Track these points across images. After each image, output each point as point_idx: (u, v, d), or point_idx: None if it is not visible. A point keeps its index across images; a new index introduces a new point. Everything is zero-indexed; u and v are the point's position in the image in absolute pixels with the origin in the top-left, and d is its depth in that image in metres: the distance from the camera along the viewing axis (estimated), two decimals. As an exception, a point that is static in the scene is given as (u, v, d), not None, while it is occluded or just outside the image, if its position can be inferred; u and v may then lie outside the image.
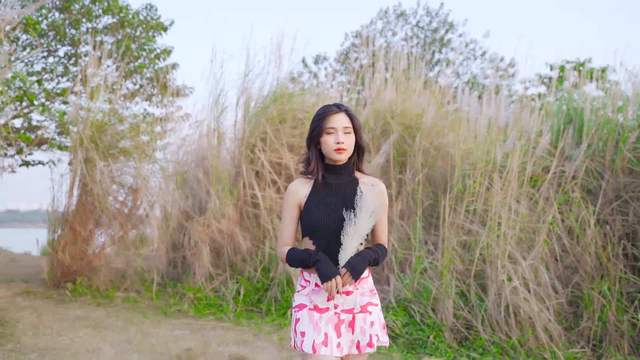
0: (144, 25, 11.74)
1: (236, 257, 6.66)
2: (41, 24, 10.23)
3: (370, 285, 2.36)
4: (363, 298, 2.31)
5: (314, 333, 2.24)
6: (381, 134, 7.55)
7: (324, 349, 2.22)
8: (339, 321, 2.28)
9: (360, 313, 2.29)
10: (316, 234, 2.28)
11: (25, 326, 5.09)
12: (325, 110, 2.31)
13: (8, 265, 9.61)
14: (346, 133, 2.27)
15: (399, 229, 6.53)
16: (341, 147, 2.25)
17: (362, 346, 2.27)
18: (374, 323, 2.30)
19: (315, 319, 2.26)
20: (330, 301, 2.28)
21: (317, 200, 2.31)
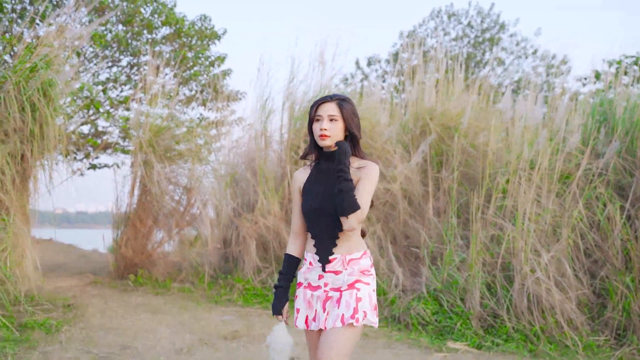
0: (199, 34, 12.43)
1: (281, 251, 7.15)
2: (105, 37, 11.01)
3: (363, 266, 2.43)
4: (351, 277, 2.40)
5: (307, 309, 2.43)
6: (420, 134, 7.88)
7: (314, 324, 2.41)
8: (327, 298, 2.41)
9: (347, 290, 2.38)
10: (307, 218, 2.46)
11: (94, 310, 5.74)
12: (318, 100, 2.45)
13: (78, 260, 10.47)
14: (332, 120, 2.38)
15: (436, 226, 6.86)
16: (323, 133, 2.36)
17: (345, 319, 2.32)
18: (362, 299, 2.36)
19: (308, 297, 2.44)
20: (321, 279, 2.43)
21: (309, 185, 2.48)
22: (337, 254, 2.41)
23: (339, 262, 2.41)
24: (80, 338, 4.70)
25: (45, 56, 5.91)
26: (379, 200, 7.26)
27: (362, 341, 5.05)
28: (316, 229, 2.44)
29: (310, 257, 2.46)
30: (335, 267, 2.40)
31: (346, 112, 2.40)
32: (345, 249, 2.41)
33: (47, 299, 5.96)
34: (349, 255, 2.41)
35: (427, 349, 4.88)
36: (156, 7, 11.53)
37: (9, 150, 5.56)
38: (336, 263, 2.41)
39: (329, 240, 2.41)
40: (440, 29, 18.86)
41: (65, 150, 12.56)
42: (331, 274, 2.41)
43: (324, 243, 2.42)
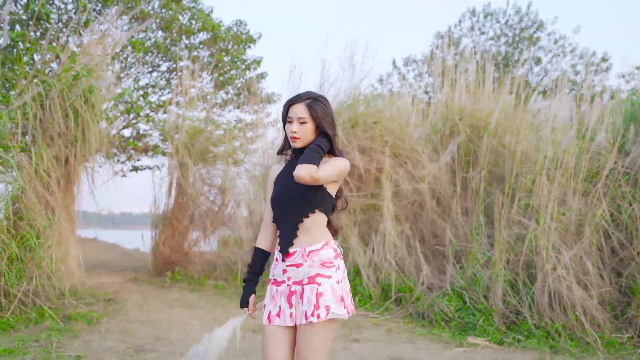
0: (235, 39, 12.76)
1: (311, 249, 7.37)
2: (145, 44, 11.42)
3: (325, 258, 2.38)
4: (312, 270, 2.36)
5: (270, 305, 2.39)
6: (449, 135, 7.99)
7: (277, 320, 2.35)
8: (290, 292, 2.37)
9: (308, 284, 2.34)
10: (273, 207, 2.47)
11: (133, 304, 6.07)
12: (290, 99, 2.45)
13: (121, 258, 10.94)
14: (301, 123, 2.38)
15: (463, 224, 6.97)
16: (294, 135, 2.38)
17: (308, 316, 2.29)
18: (323, 294, 2.32)
19: (273, 292, 2.40)
20: (284, 274, 2.39)
21: (279, 178, 2.50)
22: (297, 247, 2.38)
23: (299, 254, 2.37)
24: (118, 329, 5.01)
25: (86, 65, 6.27)
26: (408, 200, 7.40)
27: (384, 335, 5.22)
28: (280, 218, 2.43)
29: (277, 252, 2.44)
30: (295, 260, 2.37)
31: (316, 112, 2.38)
32: (306, 241, 2.38)
33: (90, 293, 6.33)
34: (308, 247, 2.37)
35: (448, 344, 5.02)
36: (194, 14, 11.90)
37: (54, 154, 5.93)
38: (296, 256, 2.37)
39: (290, 230, 2.38)
40: (476, 28, 18.79)
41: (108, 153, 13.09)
42: (292, 267, 2.37)
43: (286, 234, 2.39)
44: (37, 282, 5.23)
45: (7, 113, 5.61)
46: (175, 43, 12.43)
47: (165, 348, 4.48)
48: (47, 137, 6.00)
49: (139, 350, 4.38)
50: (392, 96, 9.13)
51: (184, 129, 8.04)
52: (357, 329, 5.47)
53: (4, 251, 5.04)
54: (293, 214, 2.38)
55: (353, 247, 6.82)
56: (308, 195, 2.36)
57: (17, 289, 5.12)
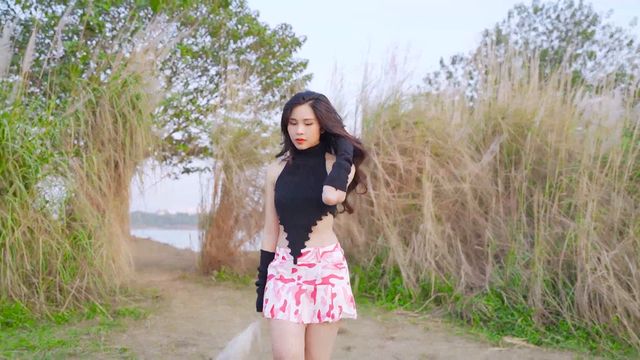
0: (281, 42, 12.98)
1: (353, 249, 7.47)
2: (192, 50, 11.75)
3: (336, 259, 2.42)
4: (325, 271, 2.39)
5: (274, 299, 2.38)
6: (492, 134, 7.94)
7: (281, 314, 2.35)
8: (300, 290, 2.39)
9: (321, 284, 2.38)
10: (279, 210, 2.45)
11: (178, 301, 6.33)
12: (292, 101, 2.41)
13: (172, 257, 11.30)
14: (307, 124, 2.38)
15: (504, 224, 6.93)
16: (300, 137, 2.38)
17: (322, 315, 2.34)
18: (337, 295, 2.37)
19: (278, 288, 2.40)
20: (294, 272, 2.41)
21: (283, 179, 2.47)
22: (310, 247, 2.40)
23: (312, 254, 2.39)
24: (163, 325, 5.26)
25: (134, 72, 6.56)
26: (449, 200, 7.41)
27: (421, 334, 5.28)
28: (289, 220, 2.42)
29: (283, 251, 2.44)
30: (308, 260, 2.39)
31: (320, 112, 2.38)
32: (318, 242, 2.41)
33: (139, 290, 6.62)
34: (322, 247, 2.40)
35: (484, 343, 5.03)
36: (240, 18, 12.18)
37: (104, 158, 6.24)
38: (309, 256, 2.39)
39: (302, 231, 2.39)
40: (526, 24, 18.43)
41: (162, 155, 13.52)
42: (304, 267, 2.40)
43: (297, 235, 2.40)
44: (88, 280, 5.53)
45: (61, 120, 5.95)
46: (224, 47, 12.75)
47: (206, 343, 4.68)
48: (98, 142, 6.32)
49: (181, 344, 4.60)
50: (433, 96, 9.12)
51: (228, 132, 8.27)
52: (394, 327, 5.54)
53: (59, 250, 5.36)
54: (304, 217, 2.39)
55: (393, 246, 6.88)
56: (319, 200, 2.35)
57: (71, 286, 5.43)
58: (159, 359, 4.19)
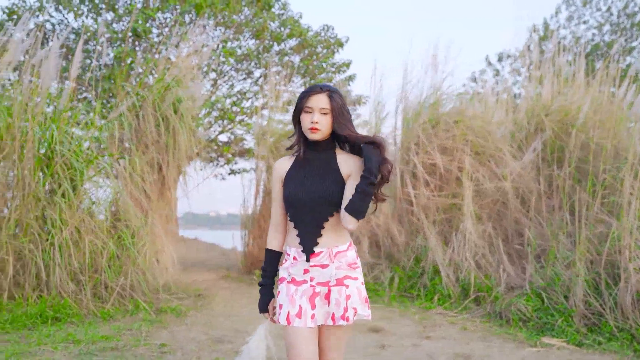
0: (324, 43, 13.06)
1: (393, 248, 7.47)
2: (236, 53, 11.98)
3: (350, 259, 2.33)
4: (339, 272, 2.29)
5: (289, 305, 2.28)
6: (535, 131, 7.80)
7: (297, 321, 2.25)
8: (314, 294, 2.29)
9: (335, 286, 2.28)
10: (289, 206, 2.34)
11: (220, 299, 6.48)
12: (308, 89, 2.32)
13: (218, 257, 11.55)
14: (323, 114, 2.28)
15: (544, 223, 6.81)
16: (315, 126, 2.27)
17: (336, 318, 2.26)
18: (351, 296, 2.28)
19: (291, 292, 2.30)
20: (306, 274, 2.31)
21: (293, 174, 2.37)
22: (323, 247, 2.29)
23: (326, 255, 2.29)
24: (202, 322, 5.40)
25: (176, 76, 6.76)
26: (490, 199, 7.32)
27: (457, 333, 5.25)
28: (300, 217, 2.32)
29: (294, 251, 2.33)
30: (321, 261, 2.29)
31: (336, 105, 2.28)
32: (332, 241, 2.30)
33: (183, 289, 6.81)
34: (335, 247, 2.30)
35: (522, 343, 4.96)
36: (283, 21, 12.33)
37: (147, 161, 6.45)
38: (322, 256, 2.29)
39: (314, 228, 2.29)
40: (575, 17, 17.95)
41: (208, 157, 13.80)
42: (317, 267, 2.30)
43: (309, 231, 2.30)
44: (132, 278, 5.73)
45: (106, 124, 6.19)
46: (267, 50, 12.93)
47: (242, 340, 4.78)
48: (141, 145, 6.54)
49: (218, 341, 4.72)
50: (475, 94, 9.02)
51: (268, 133, 8.40)
52: (432, 327, 5.53)
53: (104, 249, 5.58)
54: (316, 213, 2.28)
55: (432, 246, 6.85)
56: (331, 195, 2.27)
57: (116, 283, 5.64)
58: (196, 354, 4.31)
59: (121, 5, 11.61)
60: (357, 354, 4.47)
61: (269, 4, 12.12)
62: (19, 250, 5.39)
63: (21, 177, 5.52)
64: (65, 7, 11.44)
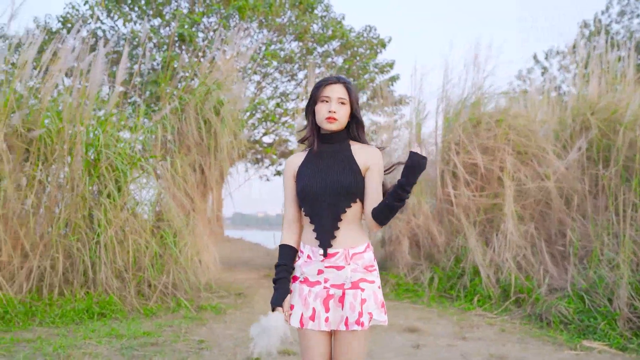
0: (366, 44, 13.07)
1: (433, 248, 7.44)
2: (278, 55, 12.12)
3: (367, 261, 2.21)
4: (355, 274, 2.18)
5: (302, 307, 2.19)
6: (580, 130, 7.63)
7: (311, 324, 2.17)
8: (328, 296, 2.18)
9: (350, 289, 2.16)
10: (304, 200, 2.23)
11: (260, 298, 6.61)
12: (324, 79, 2.26)
13: (263, 257, 11.73)
14: (340, 103, 2.21)
15: (586, 223, 6.66)
16: (332, 116, 2.20)
17: (350, 323, 2.14)
18: (367, 300, 2.16)
19: (305, 293, 2.20)
20: (320, 274, 2.20)
21: (306, 168, 2.27)
22: (339, 247, 2.18)
23: (341, 256, 2.18)
24: (241, 319, 5.52)
25: (217, 80, 6.92)
26: (533, 199, 7.20)
27: (495, 335, 5.20)
28: (315, 211, 2.21)
29: (309, 249, 2.22)
30: (337, 262, 2.18)
31: (353, 96, 2.24)
32: (349, 241, 2.19)
33: (224, 287, 6.96)
34: (352, 249, 2.19)
35: (561, 346, 4.88)
36: (325, 22, 12.41)
37: (189, 162, 6.63)
38: (338, 257, 2.18)
39: (330, 221, 2.19)
40: (628, 12, 17.37)
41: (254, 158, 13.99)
42: (332, 269, 2.19)
43: (325, 226, 2.19)
44: (174, 276, 5.90)
45: (149, 127, 6.40)
46: (311, 52, 13.04)
47: (279, 337, 4.87)
48: (184, 147, 6.73)
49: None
50: (519, 93, 8.88)
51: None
52: (469, 327, 5.49)
53: (147, 248, 5.77)
54: (332, 205, 2.18)
55: (472, 246, 6.79)
56: (350, 184, 2.18)
57: (158, 281, 5.83)
58: (231, 350, 4.42)
59: (168, 11, 11.94)
60: (391, 353, 4.49)
61: (312, 6, 12.23)
62: (68, 248, 5.63)
63: (70, 178, 5.77)
64: (115, 14, 11.84)
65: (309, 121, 2.31)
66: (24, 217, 5.58)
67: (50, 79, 6.02)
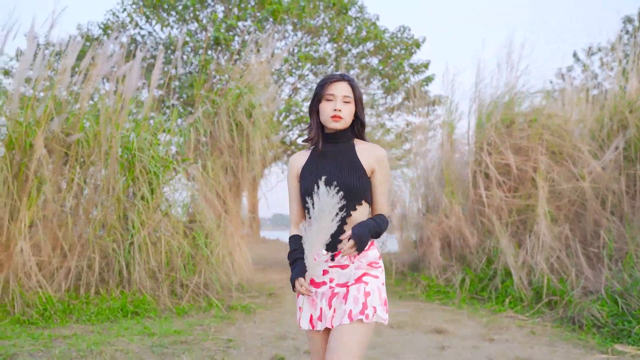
0: (402, 44, 13.05)
1: (465, 250, 7.39)
2: (312, 57, 12.20)
3: (371, 258, 2.21)
4: (358, 271, 2.18)
5: (310, 309, 2.21)
6: (617, 129, 7.47)
7: (319, 324, 2.18)
8: (332, 295, 2.18)
9: (354, 284, 2.16)
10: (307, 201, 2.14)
11: (291, 298, 6.70)
12: (329, 77, 2.23)
13: (298, 257, 11.83)
14: (345, 102, 2.19)
15: (619, 224, 6.52)
16: (338, 114, 2.16)
17: (354, 314, 2.10)
18: (371, 294, 2.14)
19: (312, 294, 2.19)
20: (325, 275, 2.19)
21: (310, 168, 2.23)
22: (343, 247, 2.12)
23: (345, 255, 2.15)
24: (270, 319, 5.61)
25: (248, 83, 7.04)
26: (567, 199, 7.08)
27: (523, 337, 5.14)
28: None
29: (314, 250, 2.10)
30: (341, 262, 2.18)
31: (358, 94, 2.23)
32: None
33: (256, 287, 7.07)
34: None
35: (591, 350, 4.79)
36: (359, 24, 12.44)
37: (221, 164, 6.77)
38: (342, 257, 2.17)
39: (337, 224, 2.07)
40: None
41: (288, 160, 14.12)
42: (337, 268, 2.18)
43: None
44: (206, 277, 6.04)
45: (181, 130, 6.56)
46: (345, 53, 13.09)
47: (304, 337, 4.94)
48: (216, 149, 6.87)
49: (281, 337, 4.90)
50: (554, 92, 8.73)
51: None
52: (499, 329, 5.45)
53: (179, 249, 5.92)
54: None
55: (504, 248, 6.72)
56: (354, 185, 2.15)
57: (190, 281, 5.97)
58: (258, 349, 4.51)
59: (204, 15, 12.16)
60: (415, 354, 4.50)
61: (346, 7, 12.27)
62: (104, 249, 5.82)
63: (106, 181, 5.96)
64: (153, 19, 12.12)
65: (313, 120, 2.28)
66: (63, 218, 5.80)
67: (89, 84, 6.23)
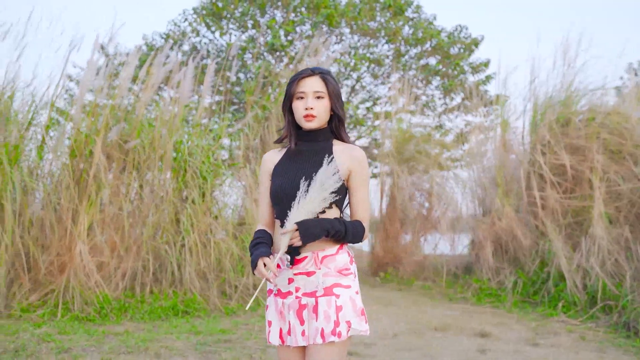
0: (461, 43, 12.88)
1: (518, 252, 7.23)
2: (368, 59, 12.20)
3: (341, 264, 2.04)
4: (327, 279, 2.01)
5: (280, 322, 2.08)
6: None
7: (288, 339, 2.05)
8: (301, 306, 2.03)
9: (323, 296, 1.99)
10: (276, 201, 2.06)
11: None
12: (298, 73, 2.10)
13: (355, 259, 11.91)
14: (317, 98, 2.06)
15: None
16: (310, 113, 2.05)
17: (326, 334, 1.96)
18: (343, 307, 1.98)
19: (279, 307, 2.07)
20: (291, 283, 2.04)
21: (282, 167, 2.11)
22: (308, 251, 2.03)
23: (310, 260, 2.03)
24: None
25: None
26: (627, 200, 6.82)
27: (572, 342, 5.00)
28: (286, 214, 2.01)
29: (277, 258, 2.02)
30: (306, 267, 2.03)
31: (331, 87, 2.09)
32: (318, 244, 2.03)
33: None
34: (322, 251, 2.03)
35: (641, 357, 4.63)
36: (415, 24, 12.37)
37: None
38: (307, 262, 2.03)
39: None
40: None
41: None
42: (302, 275, 2.03)
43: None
44: (253, 278, 6.21)
45: (231, 135, 6.77)
46: (403, 54, 13.06)
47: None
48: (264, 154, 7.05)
49: (321, 338, 4.99)
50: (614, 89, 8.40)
51: (394, 136, 8.56)
52: (547, 334, 5.33)
53: (227, 251, 6.12)
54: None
55: (557, 250, 6.54)
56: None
57: (239, 282, 6.16)
58: (296, 349, 4.62)
59: (264, 21, 12.41)
60: (453, 357, 4.48)
61: (402, 8, 12.23)
62: (157, 250, 6.10)
63: (160, 185, 6.24)
64: (214, 26, 12.49)
65: (286, 119, 2.17)
66: (120, 221, 6.11)
67: (147, 92, 6.52)
